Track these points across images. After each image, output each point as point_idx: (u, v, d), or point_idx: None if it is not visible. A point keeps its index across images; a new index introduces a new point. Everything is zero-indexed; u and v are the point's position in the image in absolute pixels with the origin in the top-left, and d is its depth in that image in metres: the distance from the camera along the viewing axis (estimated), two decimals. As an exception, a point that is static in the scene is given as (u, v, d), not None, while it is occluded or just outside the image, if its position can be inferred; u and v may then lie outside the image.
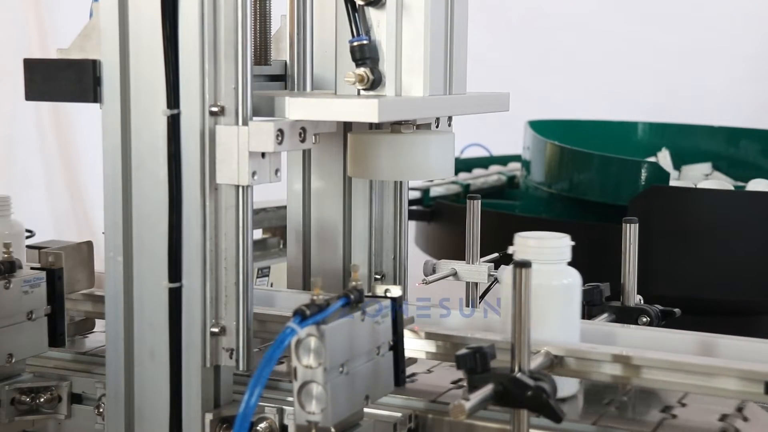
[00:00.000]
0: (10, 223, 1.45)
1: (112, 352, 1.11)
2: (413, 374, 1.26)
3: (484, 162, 2.73)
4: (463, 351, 0.97)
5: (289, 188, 1.39)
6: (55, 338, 1.27)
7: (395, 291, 1.07)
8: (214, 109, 1.05)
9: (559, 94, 3.20)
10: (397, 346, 1.07)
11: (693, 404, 1.18)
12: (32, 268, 1.28)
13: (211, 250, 1.06)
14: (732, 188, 2.02)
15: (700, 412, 1.16)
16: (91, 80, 1.09)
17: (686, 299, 1.73)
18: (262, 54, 1.31)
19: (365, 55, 1.16)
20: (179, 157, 1.05)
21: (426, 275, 1.49)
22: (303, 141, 1.09)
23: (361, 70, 1.16)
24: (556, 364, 1.09)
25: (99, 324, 1.46)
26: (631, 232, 1.33)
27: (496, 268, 1.49)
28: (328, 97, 1.14)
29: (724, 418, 1.13)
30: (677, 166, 2.45)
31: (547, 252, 1.14)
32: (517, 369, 0.96)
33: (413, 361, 1.26)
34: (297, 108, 1.08)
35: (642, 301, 1.35)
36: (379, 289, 1.07)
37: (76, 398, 1.28)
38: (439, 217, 2.28)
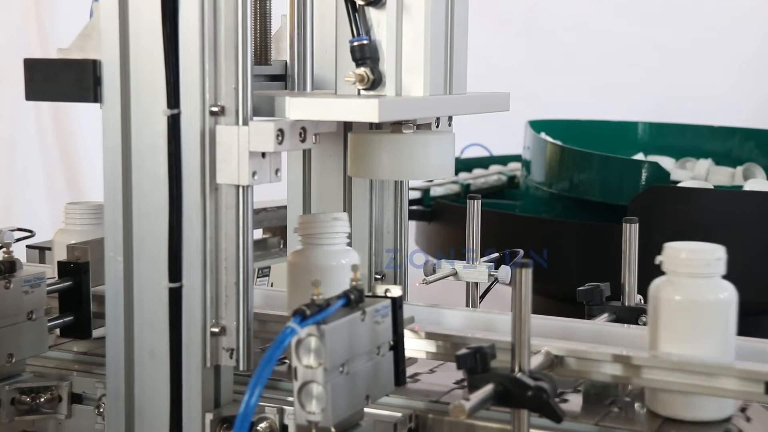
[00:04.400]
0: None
1: (112, 352, 1.11)
2: (416, 374, 1.26)
3: (484, 162, 2.73)
4: (463, 351, 0.97)
5: (290, 188, 1.39)
6: (82, 331, 1.30)
7: (395, 291, 1.07)
8: (215, 109, 1.05)
9: (559, 94, 3.20)
10: (397, 346, 1.07)
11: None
12: (60, 262, 1.30)
13: (211, 250, 1.06)
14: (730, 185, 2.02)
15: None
16: (91, 80, 1.08)
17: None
18: (262, 54, 1.31)
19: (365, 55, 1.16)
20: (179, 157, 1.05)
21: (426, 275, 1.49)
22: (303, 141, 1.09)
23: (362, 70, 1.16)
24: (556, 364, 1.09)
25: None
26: (631, 232, 1.33)
27: (496, 268, 1.49)
28: (329, 97, 1.14)
29: (727, 418, 1.13)
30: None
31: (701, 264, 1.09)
32: (517, 369, 0.96)
33: (413, 361, 1.26)
34: (297, 108, 1.08)
35: (642, 301, 1.35)
36: (379, 289, 1.07)
37: (76, 398, 1.28)
38: (439, 217, 2.28)
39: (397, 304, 1.06)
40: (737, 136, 2.51)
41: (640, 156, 2.41)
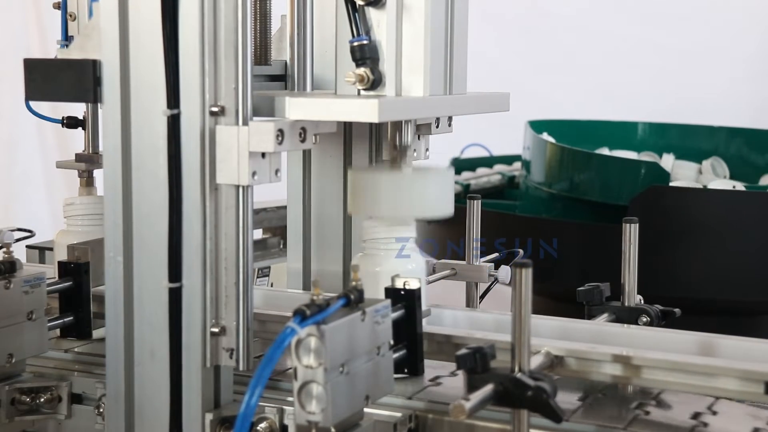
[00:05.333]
0: None
1: (112, 352, 1.11)
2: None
3: (484, 162, 2.73)
4: (463, 351, 0.97)
5: (289, 188, 1.39)
6: (82, 332, 1.30)
7: (413, 283, 1.08)
8: (214, 109, 1.05)
9: (559, 94, 3.20)
10: (415, 336, 1.07)
11: (668, 401, 1.18)
12: (60, 262, 1.29)
13: (211, 250, 1.06)
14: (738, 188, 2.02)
15: (674, 409, 1.16)
16: (91, 80, 1.08)
17: (686, 299, 1.73)
18: (262, 54, 1.31)
19: (365, 55, 1.16)
20: (179, 157, 1.05)
21: (426, 275, 1.49)
22: (303, 141, 1.09)
23: (361, 70, 1.16)
24: (556, 364, 1.09)
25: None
26: (631, 232, 1.33)
27: (496, 268, 1.49)
28: (328, 97, 1.14)
29: (696, 416, 1.13)
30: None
31: None
32: (517, 369, 0.96)
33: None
34: (297, 108, 1.08)
35: (642, 301, 1.35)
36: (398, 282, 1.08)
37: (76, 398, 1.28)
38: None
39: (416, 296, 1.07)
40: (737, 136, 2.51)
41: (605, 150, 2.40)
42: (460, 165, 2.60)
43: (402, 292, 1.12)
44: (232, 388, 1.11)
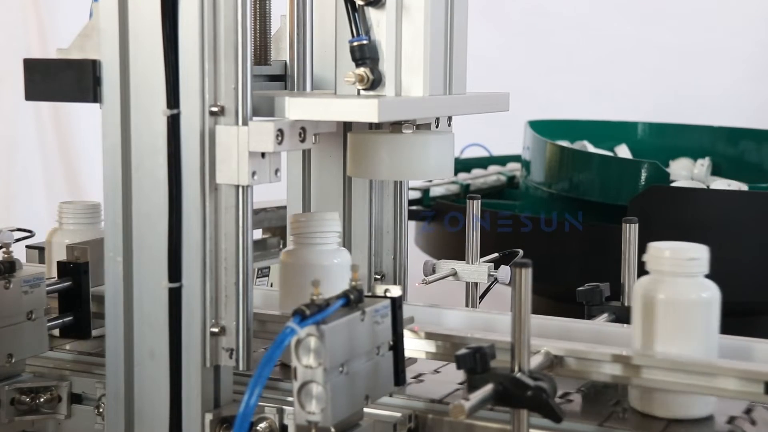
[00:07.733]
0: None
1: (112, 352, 1.11)
2: (420, 374, 1.26)
3: (484, 162, 2.73)
4: (463, 351, 0.97)
5: (289, 188, 1.39)
6: (82, 331, 1.30)
7: (395, 291, 1.07)
8: (214, 109, 1.05)
9: (559, 94, 3.20)
10: (396, 346, 1.07)
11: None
12: (60, 262, 1.30)
13: (211, 250, 1.06)
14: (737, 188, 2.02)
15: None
16: (91, 80, 1.09)
17: (686, 299, 1.72)
18: (262, 54, 1.31)
19: (365, 55, 1.16)
20: (179, 157, 1.05)
21: (426, 275, 1.49)
22: (303, 141, 1.09)
23: (361, 70, 1.16)
24: (555, 364, 1.09)
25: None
26: (631, 232, 1.33)
27: (496, 268, 1.49)
28: (328, 97, 1.14)
29: (732, 420, 1.13)
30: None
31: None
32: (517, 369, 0.96)
33: (413, 361, 1.26)
34: (297, 108, 1.08)
35: (641, 301, 1.35)
36: (379, 289, 1.07)
37: (76, 398, 1.28)
38: (439, 217, 2.28)
39: (396, 304, 1.06)
40: (737, 136, 2.51)
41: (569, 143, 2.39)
42: (460, 165, 2.60)
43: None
44: (231, 387, 1.11)
